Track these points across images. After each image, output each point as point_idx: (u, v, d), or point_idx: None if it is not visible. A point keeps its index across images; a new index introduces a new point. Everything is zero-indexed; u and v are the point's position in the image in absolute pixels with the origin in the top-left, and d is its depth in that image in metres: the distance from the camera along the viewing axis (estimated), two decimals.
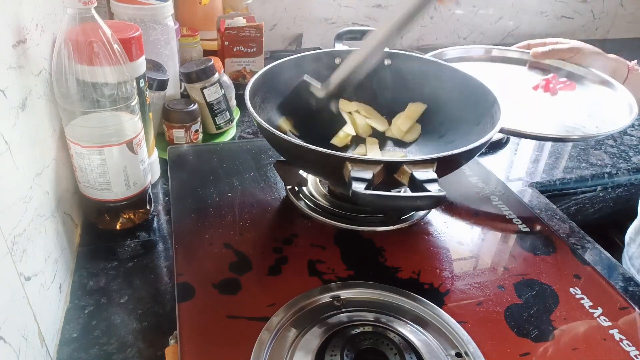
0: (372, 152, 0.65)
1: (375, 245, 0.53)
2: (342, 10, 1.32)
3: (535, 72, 0.88)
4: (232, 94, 0.92)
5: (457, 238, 0.56)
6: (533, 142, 0.94)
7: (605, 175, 0.86)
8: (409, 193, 0.45)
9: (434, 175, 0.44)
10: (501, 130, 0.67)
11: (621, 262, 0.63)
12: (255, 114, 0.53)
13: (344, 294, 0.46)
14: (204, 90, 0.82)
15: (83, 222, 0.65)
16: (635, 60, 0.84)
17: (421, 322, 0.44)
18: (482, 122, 0.59)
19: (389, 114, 0.70)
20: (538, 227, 0.58)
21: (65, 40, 0.50)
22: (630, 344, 0.43)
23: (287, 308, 0.44)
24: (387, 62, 0.69)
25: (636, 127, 1.02)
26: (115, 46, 0.53)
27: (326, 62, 0.69)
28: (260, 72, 0.61)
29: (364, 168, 0.44)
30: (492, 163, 0.86)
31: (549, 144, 0.93)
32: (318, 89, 0.60)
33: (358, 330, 0.42)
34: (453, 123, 0.64)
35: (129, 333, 0.50)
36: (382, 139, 0.69)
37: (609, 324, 0.45)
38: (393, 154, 0.66)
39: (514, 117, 0.69)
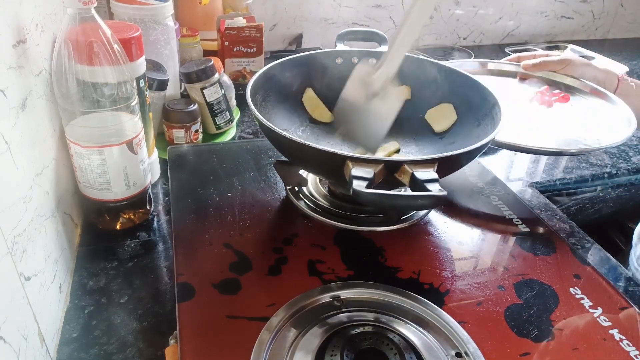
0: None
1: (375, 245, 0.53)
2: (342, 10, 1.32)
3: (527, 85, 0.89)
4: (232, 94, 0.92)
5: (457, 238, 0.56)
6: None
7: (605, 175, 0.86)
8: (409, 192, 0.45)
9: (435, 175, 0.44)
10: (505, 146, 0.67)
11: (624, 263, 0.63)
12: (257, 112, 0.53)
13: (344, 294, 0.46)
14: (204, 90, 0.82)
15: (83, 222, 0.65)
16: (625, 71, 0.85)
17: (421, 322, 0.44)
18: (482, 123, 0.59)
19: None
20: (538, 227, 0.58)
21: (65, 40, 0.50)
22: (630, 344, 0.43)
23: (287, 308, 0.44)
24: None
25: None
26: (115, 46, 0.53)
27: (327, 62, 0.69)
28: (261, 71, 0.61)
29: (364, 167, 0.44)
30: (492, 163, 0.86)
31: None
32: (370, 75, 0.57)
33: (358, 330, 0.42)
34: (454, 124, 0.64)
35: (129, 333, 0.50)
36: (383, 143, 0.69)
37: (609, 324, 0.45)
38: (387, 147, 0.66)
39: (513, 130, 0.69)
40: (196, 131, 0.80)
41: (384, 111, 0.58)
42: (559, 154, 0.75)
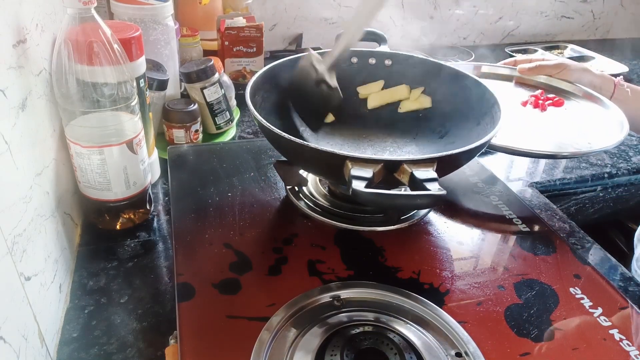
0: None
1: (375, 245, 0.53)
2: (342, 10, 1.32)
3: (522, 89, 0.89)
4: (232, 94, 0.92)
5: (457, 238, 0.56)
6: None
7: (605, 175, 0.86)
8: (409, 192, 0.45)
9: (434, 175, 0.44)
10: (494, 147, 0.67)
11: (625, 265, 0.63)
12: (256, 112, 0.53)
13: (344, 294, 0.46)
14: (204, 90, 0.82)
15: (83, 222, 0.65)
16: (621, 76, 0.85)
17: (421, 322, 0.44)
18: (482, 122, 0.59)
19: (387, 115, 0.70)
20: (538, 227, 0.58)
21: (65, 40, 0.50)
22: (630, 344, 0.43)
23: (287, 308, 0.44)
24: (387, 62, 0.69)
25: None
26: (115, 46, 0.53)
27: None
28: (261, 71, 0.61)
29: (364, 166, 0.44)
30: (492, 163, 0.86)
31: None
32: (320, 62, 0.62)
33: (358, 330, 0.42)
34: (453, 124, 0.64)
35: (129, 333, 0.50)
36: (383, 143, 0.69)
37: (609, 323, 0.45)
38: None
39: (507, 133, 0.70)
40: (196, 131, 0.80)
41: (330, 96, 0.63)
42: (551, 156, 0.75)
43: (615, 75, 0.87)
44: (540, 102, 0.82)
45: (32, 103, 0.48)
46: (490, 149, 0.69)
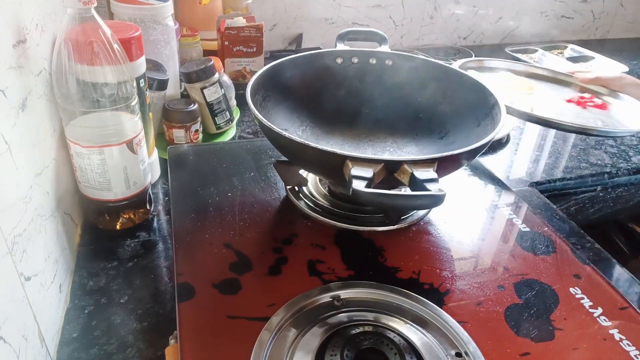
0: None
1: (375, 245, 0.53)
2: (342, 10, 1.32)
3: (575, 91, 0.98)
4: (232, 94, 0.92)
5: (457, 238, 0.56)
6: (533, 142, 0.95)
7: (605, 175, 0.86)
8: (409, 192, 0.45)
9: (435, 175, 0.44)
10: (532, 119, 0.76)
11: (625, 265, 0.64)
12: (257, 111, 0.53)
13: (344, 294, 0.46)
14: (204, 90, 0.82)
15: (83, 222, 0.65)
16: (625, 72, 0.89)
17: (421, 322, 0.44)
18: (482, 123, 0.59)
19: (388, 115, 0.70)
20: (538, 227, 0.58)
21: (65, 40, 0.50)
22: (630, 344, 0.43)
23: (287, 308, 0.44)
24: (388, 62, 0.69)
25: None
26: (115, 46, 0.53)
27: (327, 61, 0.69)
28: (262, 71, 0.61)
29: (364, 166, 0.44)
30: (492, 163, 0.86)
31: (549, 144, 0.94)
32: None
33: (358, 330, 0.42)
34: (454, 125, 0.64)
35: (129, 333, 0.50)
36: (383, 143, 0.69)
37: (609, 324, 0.45)
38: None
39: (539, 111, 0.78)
40: (196, 131, 0.80)
41: None
42: (580, 132, 0.82)
43: None
44: (583, 101, 0.90)
45: (32, 103, 0.48)
46: (529, 120, 0.77)
